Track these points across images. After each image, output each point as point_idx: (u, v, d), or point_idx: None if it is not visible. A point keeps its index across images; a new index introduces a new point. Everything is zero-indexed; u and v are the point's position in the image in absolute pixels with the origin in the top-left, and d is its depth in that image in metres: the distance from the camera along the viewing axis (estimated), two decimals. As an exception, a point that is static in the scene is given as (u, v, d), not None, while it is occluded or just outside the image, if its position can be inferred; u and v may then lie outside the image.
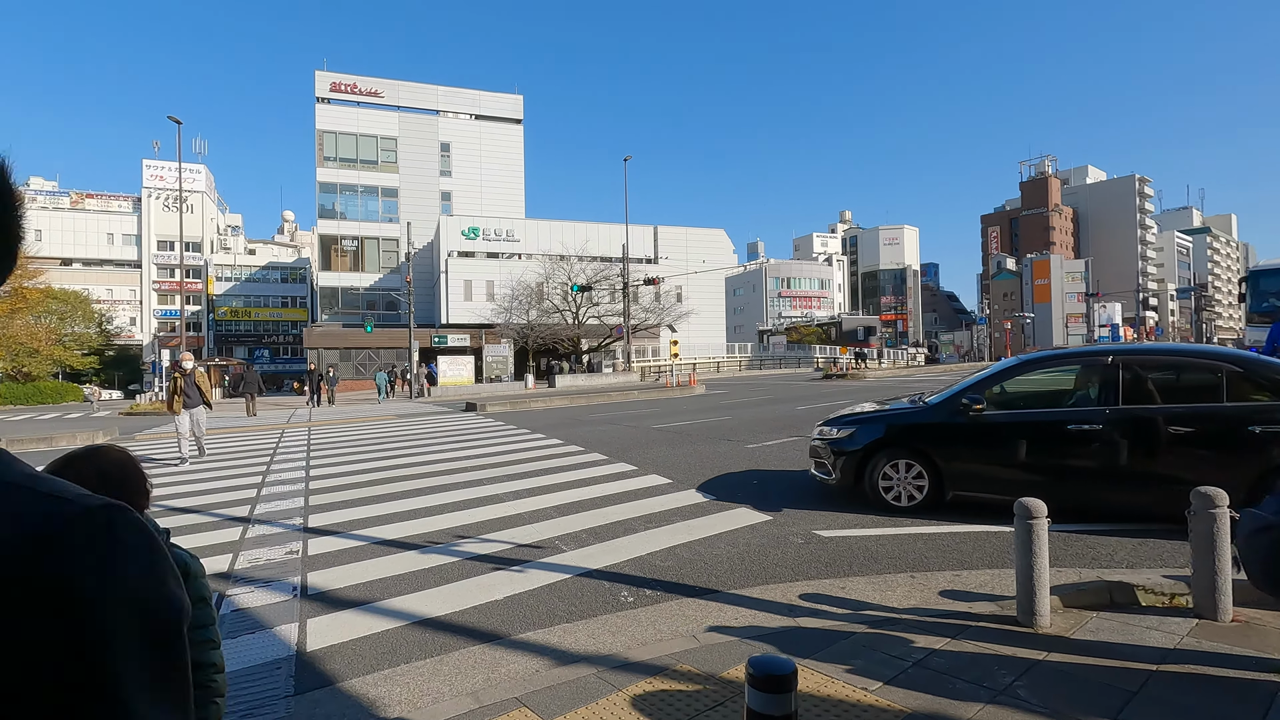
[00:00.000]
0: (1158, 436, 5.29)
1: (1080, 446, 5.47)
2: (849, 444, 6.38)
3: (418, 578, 4.88)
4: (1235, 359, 5.40)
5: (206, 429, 11.64)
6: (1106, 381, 5.52)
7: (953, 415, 5.99)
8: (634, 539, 5.65)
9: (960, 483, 5.95)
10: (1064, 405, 5.92)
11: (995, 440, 5.84)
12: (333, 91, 49.07)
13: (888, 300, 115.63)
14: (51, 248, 67.85)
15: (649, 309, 42.69)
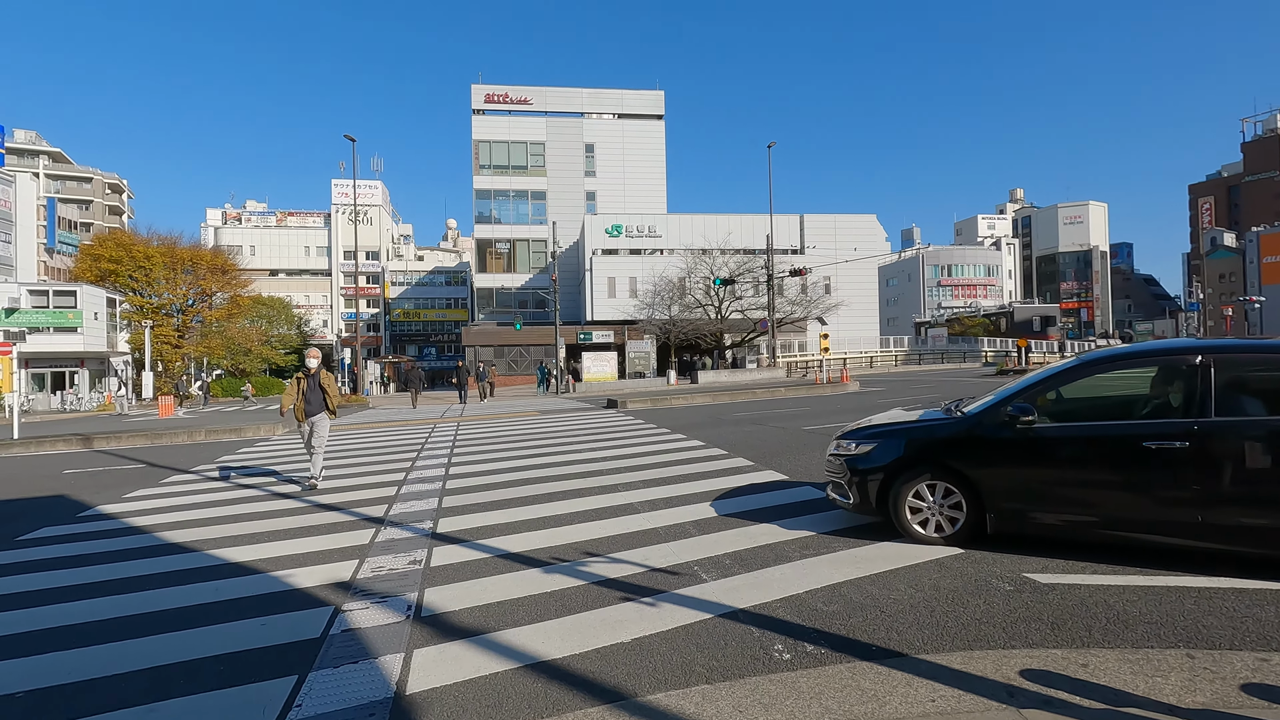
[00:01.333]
0: (1261, 457, 4.12)
1: (1160, 469, 4.31)
2: (867, 462, 5.32)
3: (538, 604, 4.30)
4: None
5: (328, 440, 9.47)
6: (1193, 386, 4.37)
7: (997, 428, 4.86)
8: (788, 570, 4.71)
9: (1006, 512, 4.82)
10: (1138, 416, 4.76)
11: (1049, 459, 4.72)
12: (487, 103, 51.83)
13: (1068, 286, 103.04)
14: (261, 260, 78.09)
15: (795, 301, 40.76)
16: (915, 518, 5.15)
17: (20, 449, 13.99)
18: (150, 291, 44.98)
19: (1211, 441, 4.21)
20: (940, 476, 5.05)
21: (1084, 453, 4.64)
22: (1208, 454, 4.21)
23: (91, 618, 4.32)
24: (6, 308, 34.63)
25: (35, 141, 78.16)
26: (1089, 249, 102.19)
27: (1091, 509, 4.57)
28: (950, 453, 5.05)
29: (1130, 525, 4.46)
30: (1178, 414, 4.42)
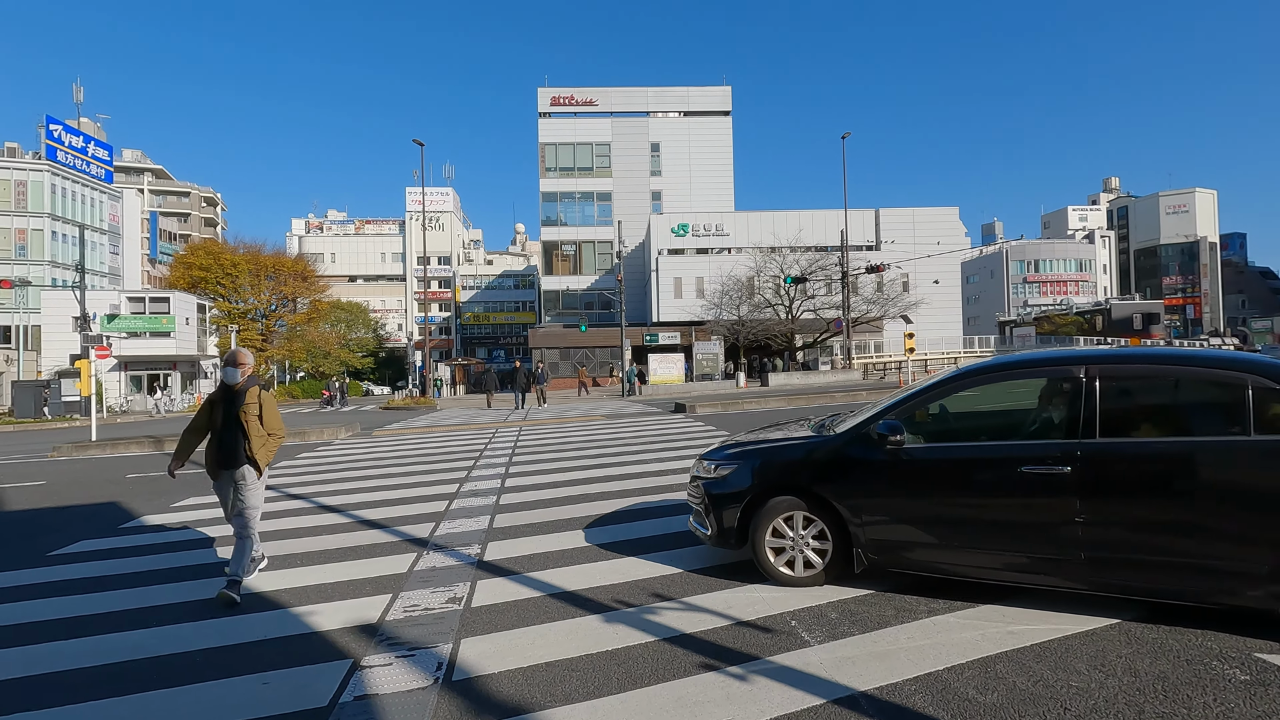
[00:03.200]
0: (1152, 486, 3.57)
1: (1047, 497, 3.70)
2: (724, 486, 4.62)
3: (596, 668, 3.41)
4: (1267, 370, 3.58)
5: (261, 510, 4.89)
6: (1077, 403, 3.79)
7: (866, 449, 4.22)
8: (915, 632, 3.65)
9: (875, 546, 4.16)
10: (1021, 436, 4.16)
11: (921, 486, 4.07)
12: (553, 105, 51.90)
13: (1172, 281, 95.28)
14: (341, 266, 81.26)
15: (870, 300, 38.76)
16: (777, 556, 4.45)
17: (96, 450, 14.28)
18: (236, 297, 47.15)
19: (1098, 466, 3.63)
20: (804, 505, 4.37)
21: (958, 478, 4.00)
22: (1093, 480, 3.62)
23: (66, 664, 3.71)
24: (108, 314, 36.77)
25: (140, 160, 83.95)
26: (1195, 240, 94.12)
27: (968, 543, 3.93)
28: (815, 477, 4.36)
29: (1010, 563, 3.84)
30: (1059, 434, 3.83)
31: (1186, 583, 3.49)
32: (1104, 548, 3.62)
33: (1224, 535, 3.40)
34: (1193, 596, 3.50)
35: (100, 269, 53.10)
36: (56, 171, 50.48)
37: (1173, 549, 3.50)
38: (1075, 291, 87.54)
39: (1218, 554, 3.40)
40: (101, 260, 54.36)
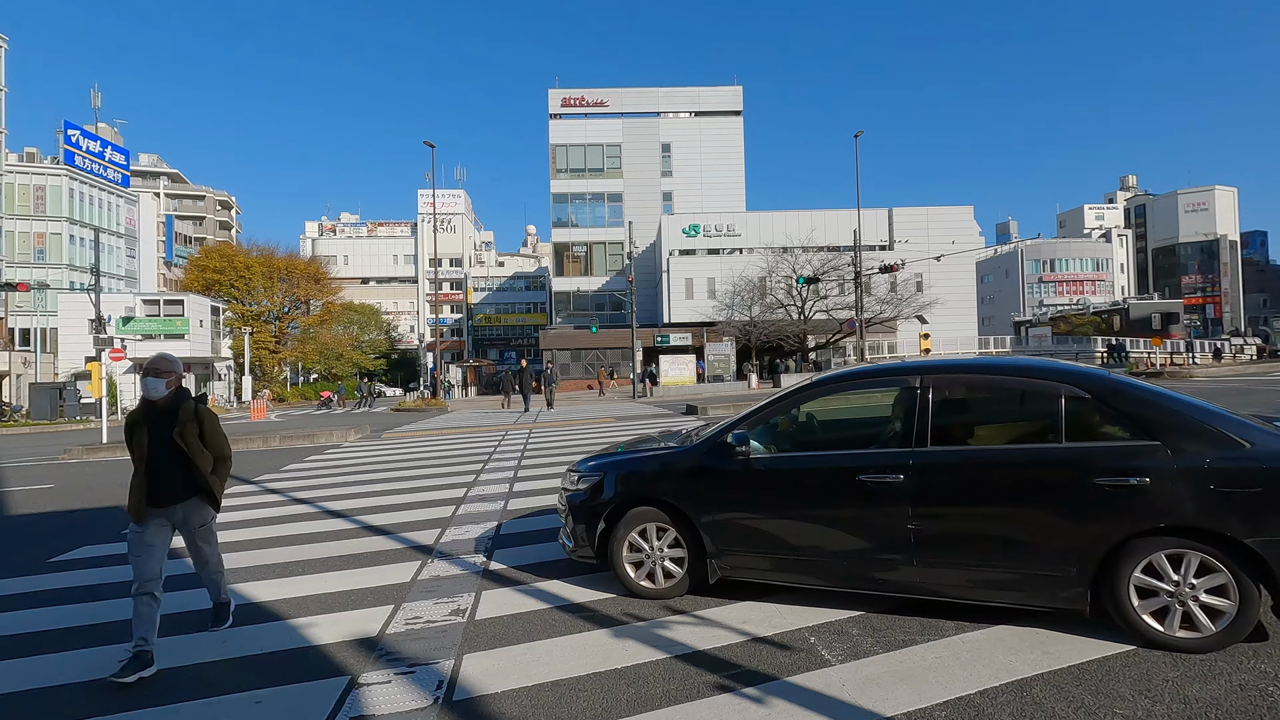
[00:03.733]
0: (976, 494, 3.67)
1: (883, 505, 3.78)
2: (586, 498, 4.57)
3: (604, 688, 3.23)
4: (1083, 380, 3.75)
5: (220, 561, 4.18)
6: (912, 413, 3.89)
7: (720, 459, 4.23)
8: (942, 652, 3.44)
9: (727, 557, 4.17)
10: (862, 446, 4.35)
11: (770, 496, 4.11)
12: (563, 106, 51.83)
13: (1191, 280, 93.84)
14: (353, 269, 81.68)
15: (884, 300, 38.32)
16: (636, 568, 4.39)
17: (107, 453, 14.28)
18: (250, 299, 47.44)
19: (928, 474, 3.72)
20: (662, 516, 4.34)
21: (803, 487, 4.05)
22: (925, 488, 3.70)
23: (55, 679, 3.57)
24: (123, 316, 37.09)
25: (157, 164, 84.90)
26: (1215, 238, 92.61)
27: (813, 551, 3.98)
28: (672, 488, 4.34)
29: (851, 570, 3.92)
30: (895, 444, 3.92)
31: (1008, 586, 3.60)
32: (935, 554, 3.69)
33: (1039, 540, 3.50)
34: (1015, 599, 3.61)
35: (117, 272, 53.70)
36: (74, 176, 51.06)
37: (995, 554, 3.60)
38: (1092, 291, 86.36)
39: (1034, 558, 3.51)
40: (118, 263, 54.97)
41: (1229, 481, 3.26)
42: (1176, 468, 3.33)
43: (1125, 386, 3.75)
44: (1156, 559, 3.33)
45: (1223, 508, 3.25)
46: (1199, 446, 3.37)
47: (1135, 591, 3.37)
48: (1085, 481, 3.44)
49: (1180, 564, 3.31)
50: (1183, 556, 3.30)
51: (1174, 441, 3.41)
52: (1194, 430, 3.43)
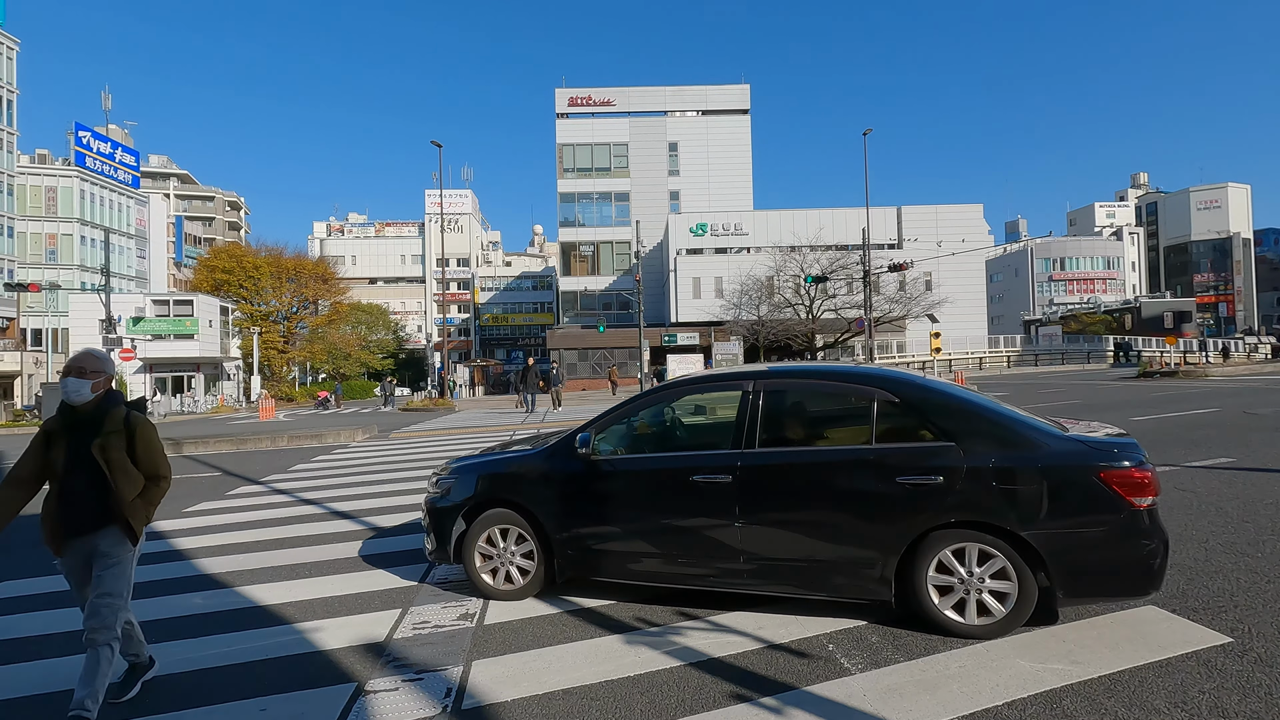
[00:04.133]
0: (797, 493, 3.89)
1: (713, 505, 3.96)
2: (444, 500, 4.61)
3: (617, 696, 3.14)
4: (891, 383, 3.97)
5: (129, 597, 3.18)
6: (745, 416, 4.09)
7: (567, 461, 4.37)
8: (966, 660, 3.33)
9: (572, 556, 4.28)
10: (699, 447, 4.56)
11: (612, 497, 4.24)
12: (570, 106, 51.78)
13: (1203, 278, 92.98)
14: (361, 269, 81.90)
15: (893, 299, 38.07)
16: (488, 570, 4.47)
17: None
18: (258, 299, 47.63)
19: (754, 475, 3.92)
20: (514, 518, 4.42)
21: (644, 488, 4.20)
22: (750, 488, 3.90)
23: (59, 684, 3.50)
24: (133, 316, 37.30)
25: (166, 165, 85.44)
26: (1228, 236, 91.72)
27: (652, 550, 4.13)
28: (523, 490, 4.46)
29: (687, 568, 4.07)
30: (726, 446, 4.10)
31: (826, 580, 3.80)
32: (759, 551, 3.88)
33: (851, 536, 3.72)
34: (832, 592, 3.81)
35: (127, 273, 54.03)
36: (85, 177, 51.41)
37: (814, 550, 3.81)
38: (1103, 290, 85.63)
39: (847, 553, 3.73)
40: (129, 264, 55.31)
41: (1009, 479, 3.55)
42: (966, 467, 3.58)
43: (929, 391, 3.98)
44: (951, 552, 3.60)
45: (1004, 503, 3.53)
46: (987, 447, 3.63)
47: (932, 581, 3.62)
48: (889, 480, 3.68)
49: (970, 556, 3.58)
50: (973, 549, 3.58)
51: (967, 443, 3.66)
52: (985, 432, 3.70)
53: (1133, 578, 3.47)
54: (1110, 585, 3.52)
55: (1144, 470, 3.47)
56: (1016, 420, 3.80)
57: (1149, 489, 3.45)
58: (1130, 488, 3.44)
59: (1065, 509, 3.49)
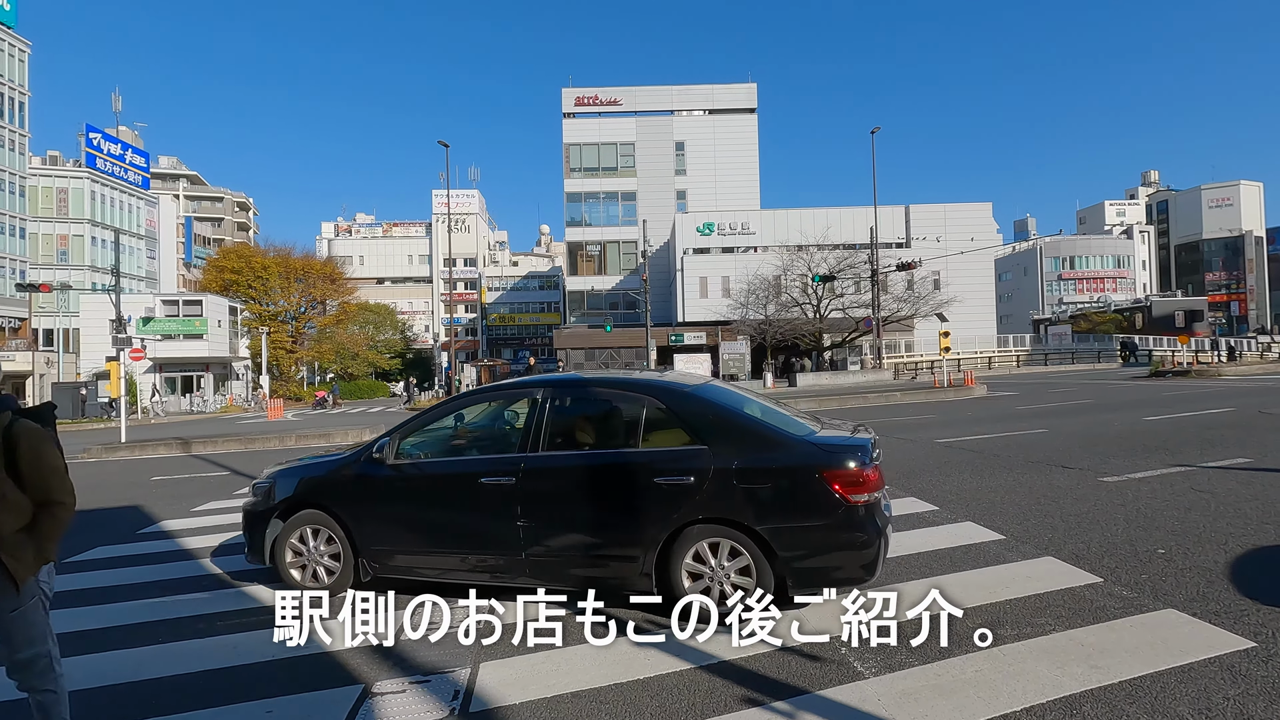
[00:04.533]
0: (574, 494, 4.18)
1: (498, 505, 4.20)
2: (260, 504, 4.81)
3: (625, 699, 3.10)
4: (659, 391, 4.30)
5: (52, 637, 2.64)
6: (532, 421, 4.34)
7: (370, 466, 4.58)
8: (983, 664, 3.26)
9: (374, 555, 4.50)
10: (489, 452, 4.87)
11: (409, 499, 4.50)
12: (577, 106, 51.82)
13: (1215, 277, 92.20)
14: (369, 269, 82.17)
15: (901, 298, 37.95)
16: (299, 569, 4.60)
17: (125, 453, 14.39)
18: (267, 299, 47.84)
19: (534, 477, 4.17)
20: (322, 519, 4.59)
21: (437, 490, 4.45)
22: (531, 489, 4.15)
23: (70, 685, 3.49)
24: (143, 316, 37.53)
25: (176, 166, 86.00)
26: (1240, 234, 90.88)
27: (445, 549, 4.41)
28: (332, 493, 4.65)
29: (477, 565, 4.31)
30: (513, 449, 4.40)
31: (599, 574, 4.08)
32: (540, 547, 4.13)
33: (617, 532, 4.03)
34: (605, 585, 4.06)
35: (138, 273, 54.43)
36: (96, 179, 51.82)
37: (588, 545, 4.11)
38: (1113, 289, 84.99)
39: (614, 548, 4.03)
40: (139, 265, 55.72)
41: (748, 479, 3.86)
42: (713, 468, 3.88)
43: (691, 399, 4.27)
44: (701, 546, 3.88)
45: (743, 501, 3.84)
46: (734, 450, 3.93)
47: (686, 573, 3.89)
48: (649, 480, 3.96)
49: (721, 550, 3.86)
50: (723, 544, 3.85)
51: (717, 446, 3.95)
52: (733, 436, 4.01)
53: (851, 567, 3.81)
54: (832, 574, 3.83)
55: (863, 470, 3.78)
56: (763, 424, 4.14)
57: (865, 487, 3.76)
58: (848, 486, 3.75)
59: (793, 505, 3.83)
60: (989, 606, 3.94)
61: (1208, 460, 8.09)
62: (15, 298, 44.97)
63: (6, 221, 46.75)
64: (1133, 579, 4.26)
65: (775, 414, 4.41)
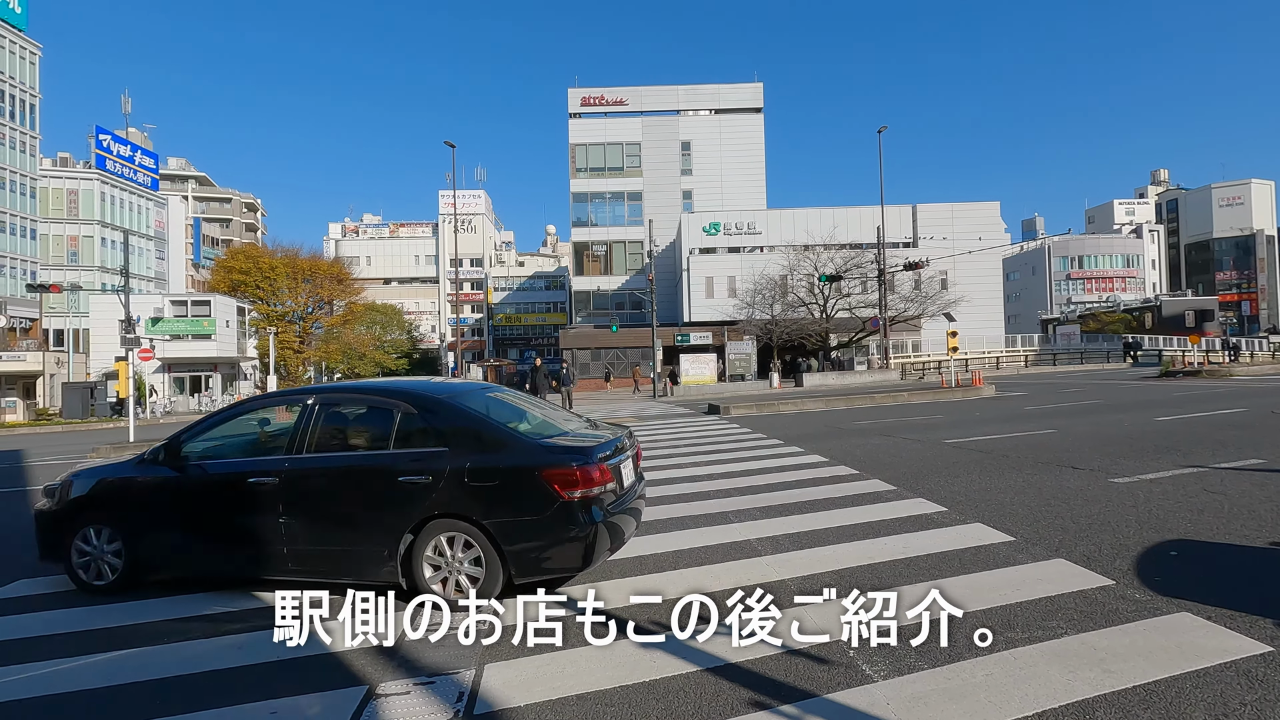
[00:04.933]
0: (329, 492, 4.50)
1: (263, 503, 4.50)
2: (49, 507, 5.07)
3: (630, 702, 3.06)
4: (412, 398, 4.68)
5: None
6: (301, 427, 4.64)
7: (150, 469, 4.87)
8: (994, 668, 3.22)
9: (147, 552, 4.82)
10: (259, 454, 4.97)
11: (183, 501, 4.80)
12: (583, 106, 51.83)
13: (1226, 276, 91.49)
14: (376, 269, 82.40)
15: (908, 298, 37.78)
16: (80, 561, 4.84)
17: (133, 452, 14.40)
18: (275, 300, 48.04)
19: (295, 477, 4.48)
20: (105, 521, 4.85)
21: (211, 491, 4.71)
22: (291, 489, 4.46)
23: (70, 685, 3.49)
24: (152, 317, 37.74)
25: (185, 168, 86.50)
26: (1251, 233, 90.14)
27: (215, 547, 4.72)
28: (113, 497, 4.93)
29: (245, 562, 4.62)
30: (280, 452, 4.65)
31: (352, 568, 4.39)
32: (299, 543, 4.44)
33: (368, 529, 4.33)
34: (358, 576, 4.37)
35: (146, 274, 54.75)
36: (106, 180, 52.17)
37: (342, 541, 4.41)
38: (1122, 288, 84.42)
39: (365, 544, 4.34)
40: (148, 265, 56.05)
41: (478, 478, 4.22)
42: (449, 468, 4.23)
43: (436, 403, 4.59)
44: (439, 540, 4.22)
45: (473, 498, 4.20)
46: (470, 451, 4.30)
47: (428, 565, 4.24)
48: (394, 480, 4.30)
49: (456, 543, 4.21)
50: (458, 538, 4.20)
51: (456, 447, 4.31)
52: (471, 438, 4.37)
53: (564, 557, 4.20)
54: (546, 564, 4.23)
55: (578, 469, 4.16)
56: (499, 428, 4.50)
57: (578, 484, 4.13)
58: (564, 484, 4.13)
59: (515, 502, 4.19)
60: (999, 609, 3.89)
61: (1220, 461, 7.99)
62: (26, 298, 45.32)
63: (17, 222, 47.12)
64: (1146, 581, 4.20)
65: (530, 418, 4.96)
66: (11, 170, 46.69)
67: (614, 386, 39.78)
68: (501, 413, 4.80)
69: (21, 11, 47.62)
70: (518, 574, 4.16)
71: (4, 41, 46.35)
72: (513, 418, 4.83)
